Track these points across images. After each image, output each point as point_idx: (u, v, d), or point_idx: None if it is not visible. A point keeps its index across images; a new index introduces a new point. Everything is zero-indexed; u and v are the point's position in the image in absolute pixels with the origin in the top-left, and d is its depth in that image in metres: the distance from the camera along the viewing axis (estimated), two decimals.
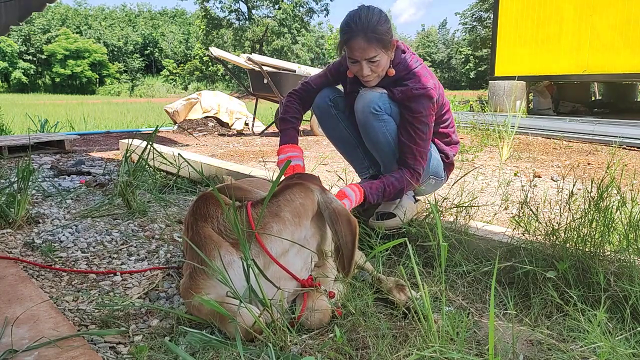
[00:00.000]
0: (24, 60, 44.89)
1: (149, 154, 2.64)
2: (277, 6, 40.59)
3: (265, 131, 7.10)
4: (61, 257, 1.95)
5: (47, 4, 5.33)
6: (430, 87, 1.80)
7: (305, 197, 1.41)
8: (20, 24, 5.36)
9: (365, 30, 1.72)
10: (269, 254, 1.32)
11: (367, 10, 1.77)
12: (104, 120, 10.72)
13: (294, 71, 6.47)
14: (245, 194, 1.57)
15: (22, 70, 44.14)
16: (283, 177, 1.49)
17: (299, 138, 2.05)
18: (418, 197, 2.10)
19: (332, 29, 51.50)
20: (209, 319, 1.31)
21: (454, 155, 2.10)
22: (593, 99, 10.69)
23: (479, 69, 45.99)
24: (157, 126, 2.91)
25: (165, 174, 3.39)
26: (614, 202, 1.55)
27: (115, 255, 1.98)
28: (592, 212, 1.52)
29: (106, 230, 2.26)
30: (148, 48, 53.34)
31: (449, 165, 2.10)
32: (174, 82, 45.66)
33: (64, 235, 2.19)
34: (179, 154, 2.91)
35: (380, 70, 1.82)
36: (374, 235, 1.81)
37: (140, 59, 51.75)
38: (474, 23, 45.65)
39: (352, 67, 1.84)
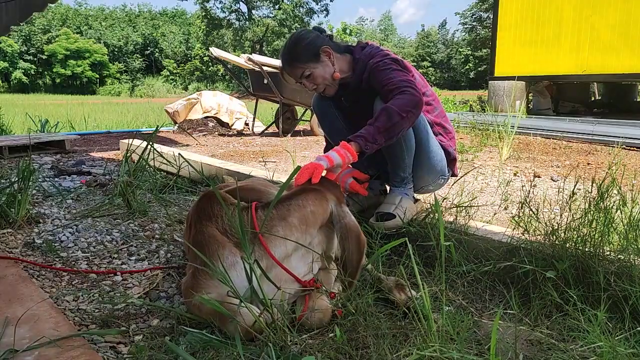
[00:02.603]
0: (25, 61, 44.83)
1: (149, 154, 2.64)
2: (277, 6, 40.62)
3: (266, 131, 7.10)
4: (61, 257, 1.95)
5: (49, 4, 5.33)
6: (384, 50, 1.88)
7: (318, 205, 1.38)
8: (21, 24, 5.36)
9: (285, 58, 1.91)
10: (271, 256, 1.31)
11: (288, 39, 1.93)
12: (104, 120, 10.71)
13: None
14: (259, 195, 1.55)
15: (23, 70, 44.08)
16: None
17: (300, 138, 2.07)
18: (418, 197, 2.09)
19: (332, 29, 51.50)
20: (209, 319, 1.31)
21: (454, 148, 2.09)
22: (593, 99, 10.70)
23: (479, 69, 45.97)
24: (158, 126, 2.92)
25: (165, 174, 3.40)
26: (614, 202, 1.55)
27: (116, 255, 1.98)
28: (592, 212, 1.52)
29: (106, 230, 2.26)
30: (148, 48, 53.27)
31: (452, 161, 2.09)
32: (174, 82, 45.62)
33: (64, 235, 2.19)
34: (179, 154, 2.91)
35: (321, 80, 1.90)
36: (374, 235, 1.81)
37: (141, 59, 51.66)
38: (474, 23, 45.66)
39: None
